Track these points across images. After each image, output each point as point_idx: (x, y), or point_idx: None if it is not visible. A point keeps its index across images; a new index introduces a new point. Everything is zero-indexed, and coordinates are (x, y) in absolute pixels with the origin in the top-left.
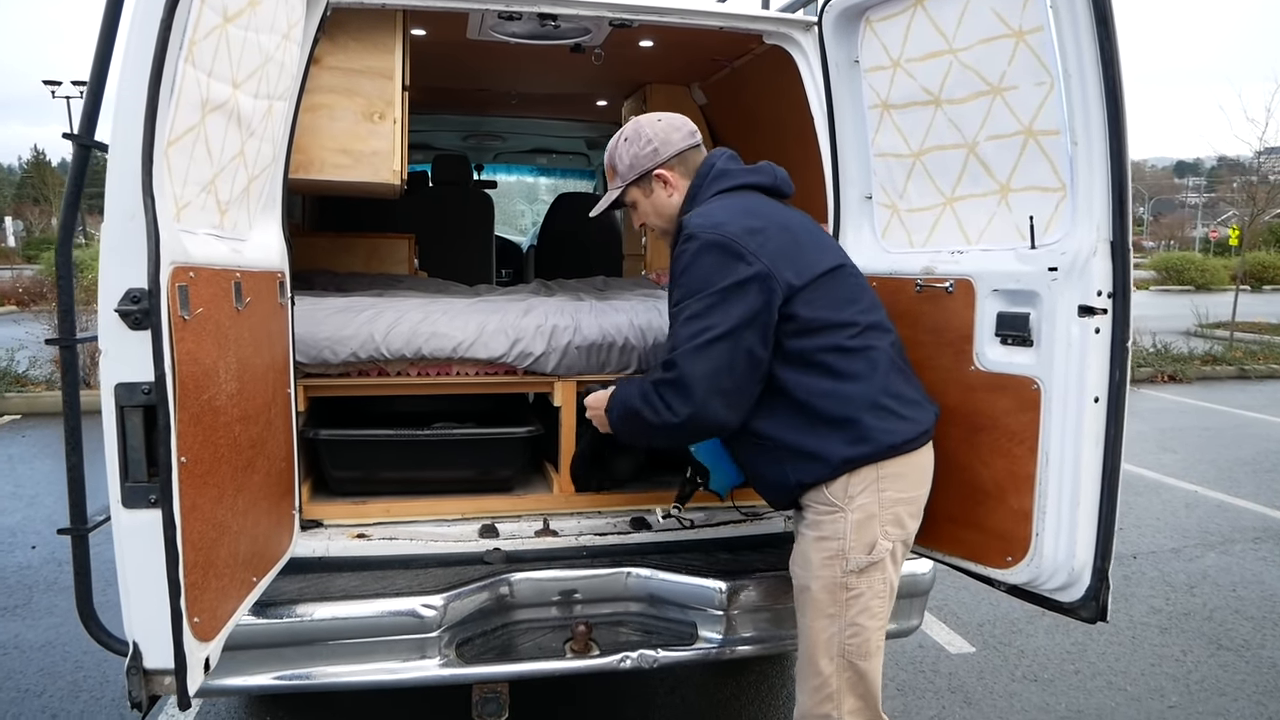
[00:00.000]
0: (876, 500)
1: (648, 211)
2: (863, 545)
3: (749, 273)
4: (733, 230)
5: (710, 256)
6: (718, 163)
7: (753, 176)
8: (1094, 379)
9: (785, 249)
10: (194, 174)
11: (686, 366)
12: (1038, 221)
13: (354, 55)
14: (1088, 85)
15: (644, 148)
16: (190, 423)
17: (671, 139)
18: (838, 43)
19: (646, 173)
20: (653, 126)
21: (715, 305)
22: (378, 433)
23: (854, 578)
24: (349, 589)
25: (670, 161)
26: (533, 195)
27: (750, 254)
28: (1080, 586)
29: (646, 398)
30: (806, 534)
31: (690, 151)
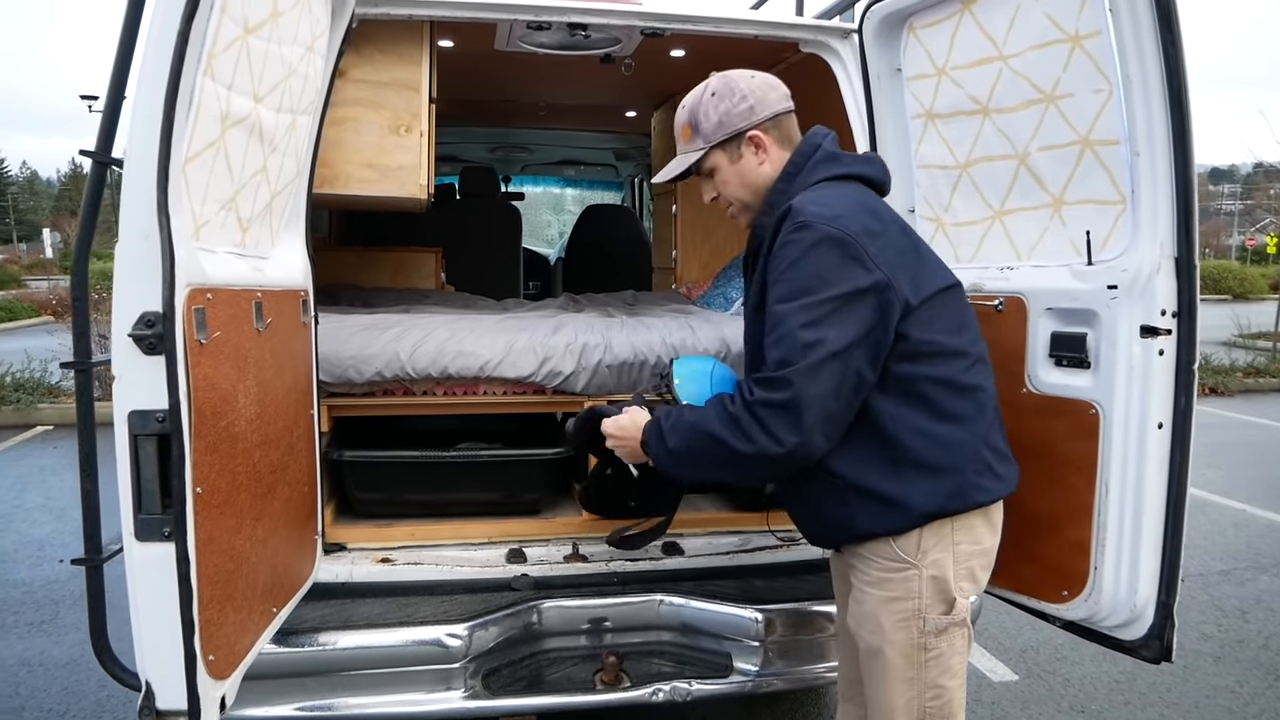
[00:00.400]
0: (951, 554)
1: (730, 181)
2: (940, 604)
3: (869, 281)
4: (854, 228)
5: (828, 253)
6: (824, 143)
7: (864, 167)
8: (1157, 404)
9: (905, 257)
10: (214, 191)
11: (803, 386)
12: (1095, 236)
13: (380, 67)
14: (1150, 92)
15: (737, 104)
16: (207, 451)
17: (769, 98)
18: (879, 50)
19: (738, 134)
20: (747, 82)
21: (831, 314)
22: (402, 454)
23: (933, 638)
24: (372, 617)
25: (766, 123)
26: (559, 206)
27: (870, 259)
28: (1143, 624)
29: (738, 423)
30: (871, 592)
31: (786, 117)
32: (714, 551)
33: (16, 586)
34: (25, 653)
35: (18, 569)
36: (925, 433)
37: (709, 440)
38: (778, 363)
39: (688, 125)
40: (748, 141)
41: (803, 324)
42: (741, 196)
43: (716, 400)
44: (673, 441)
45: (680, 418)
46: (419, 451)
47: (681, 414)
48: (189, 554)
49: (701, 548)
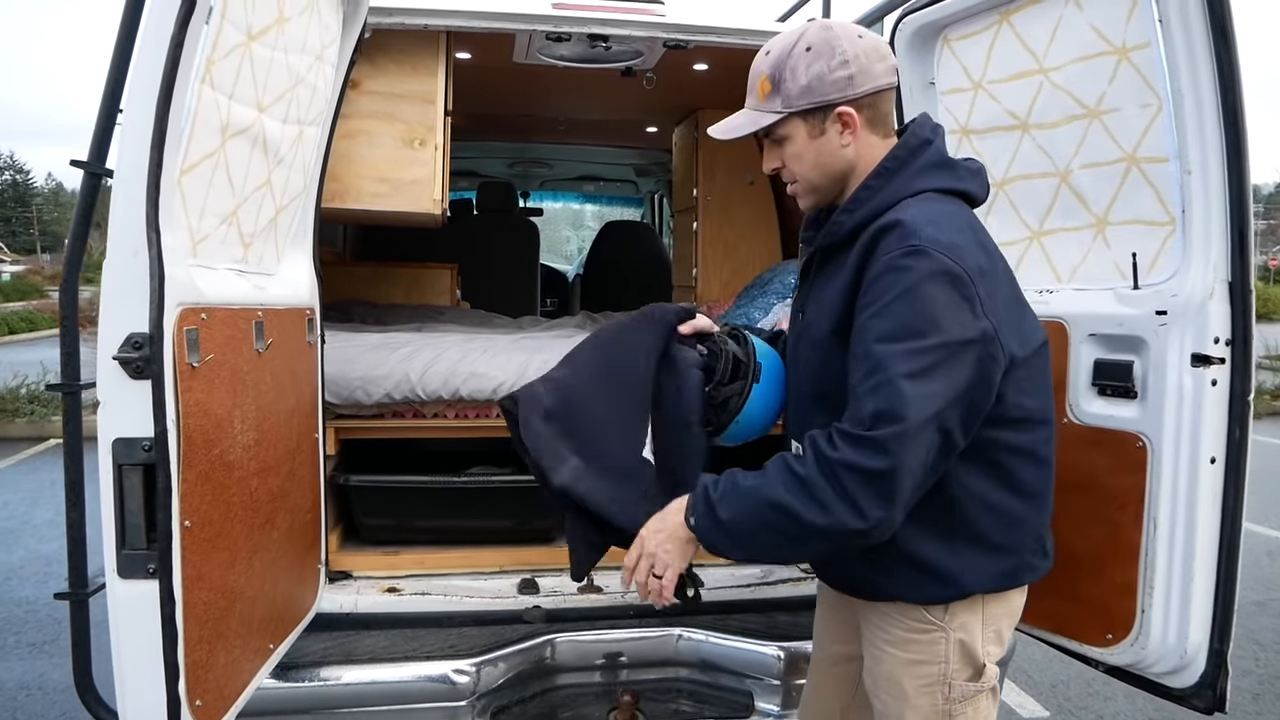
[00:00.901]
0: (980, 617)
1: (804, 156)
2: (968, 669)
3: (977, 330)
4: (970, 264)
5: (943, 290)
6: (936, 140)
7: (974, 182)
8: (1210, 437)
9: (1010, 304)
10: (213, 204)
11: (902, 453)
12: (1141, 259)
13: (394, 79)
14: (1204, 107)
15: (835, 69)
16: (197, 482)
17: (874, 69)
18: (911, 63)
19: (828, 105)
20: (852, 43)
21: (939, 365)
22: (411, 479)
23: (958, 705)
24: (376, 651)
25: (863, 99)
26: (579, 222)
27: (981, 303)
28: (1193, 671)
29: (810, 489)
30: (892, 653)
31: (887, 93)
32: (735, 584)
33: (20, 605)
34: (25, 675)
35: (23, 586)
36: (995, 508)
37: (773, 510)
38: (874, 417)
39: (768, 78)
40: (836, 117)
41: (909, 373)
42: (811, 178)
43: (780, 461)
44: (725, 513)
45: (734, 482)
46: (428, 476)
47: (735, 479)
48: (174, 593)
49: (722, 579)
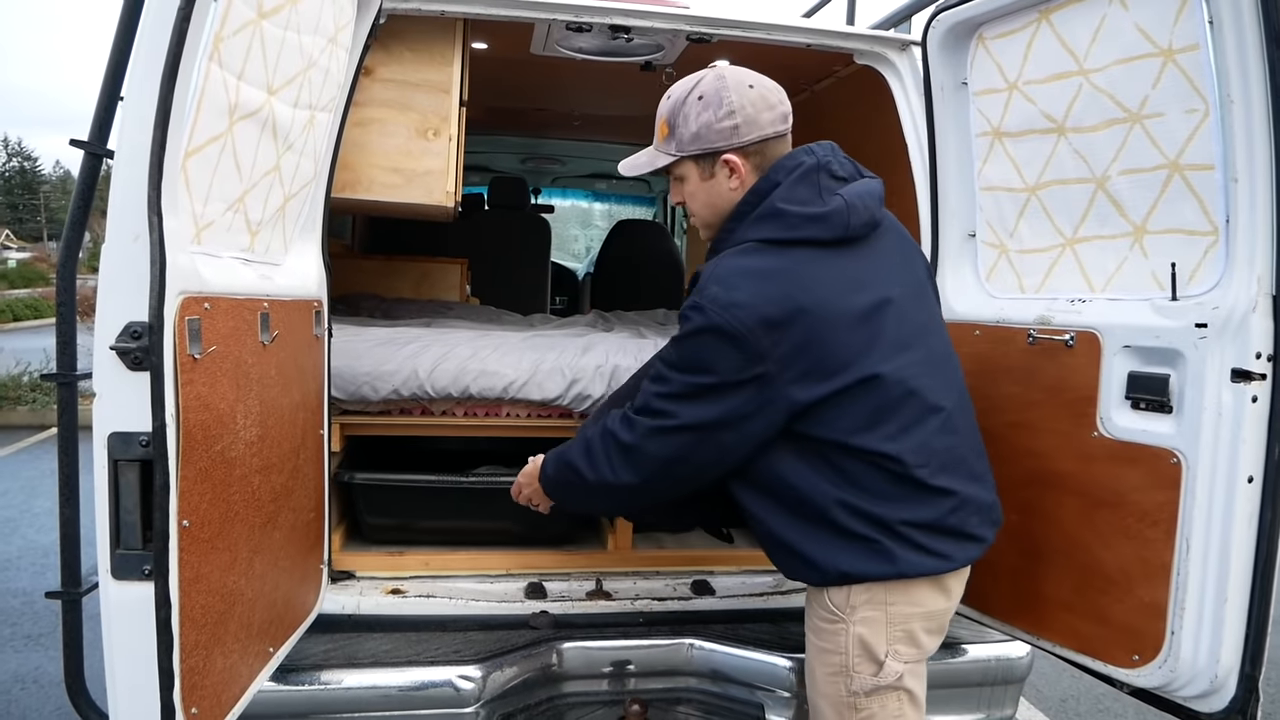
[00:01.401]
0: (884, 614)
1: (697, 195)
2: (869, 664)
3: (750, 374)
4: (749, 321)
5: (710, 341)
6: (782, 187)
7: (813, 229)
8: (1249, 455)
9: (808, 350)
10: (219, 189)
11: (645, 443)
12: (1181, 269)
13: (409, 67)
14: (1253, 114)
15: (722, 119)
16: (197, 479)
17: (760, 119)
18: (944, 62)
19: (716, 152)
20: (741, 94)
21: (694, 396)
22: (418, 478)
23: (862, 698)
24: (379, 654)
25: (749, 147)
26: (587, 220)
27: (758, 353)
28: (1224, 696)
29: (590, 452)
30: (811, 640)
31: (776, 141)
32: (747, 592)
33: (17, 596)
34: (20, 668)
35: (20, 577)
36: (845, 504)
37: (567, 468)
38: (638, 409)
39: (666, 122)
40: (723, 163)
41: (664, 394)
42: (704, 215)
43: (587, 429)
44: (550, 470)
45: (559, 449)
46: (436, 475)
47: (563, 445)
48: (170, 596)
49: (734, 587)
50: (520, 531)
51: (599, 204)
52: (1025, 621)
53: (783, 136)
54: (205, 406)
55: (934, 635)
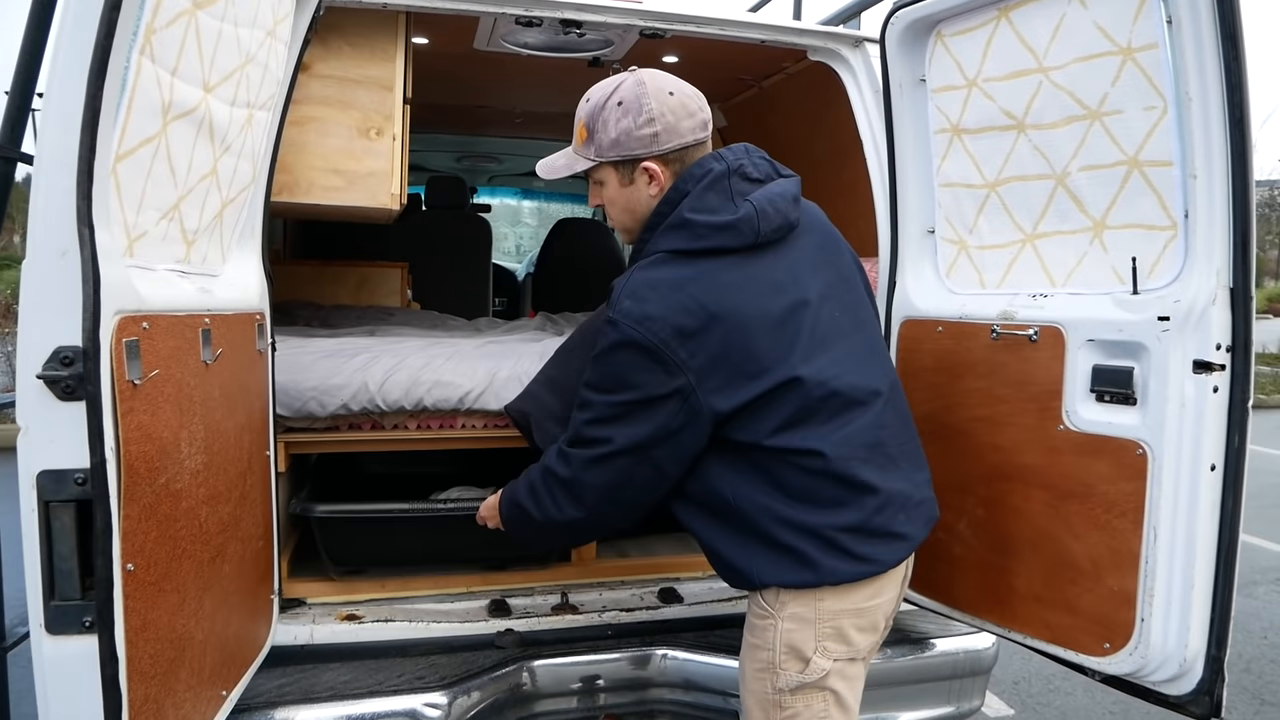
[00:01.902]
0: (814, 610)
1: (616, 201)
2: (795, 661)
3: (671, 387)
4: (663, 333)
5: (628, 356)
6: (691, 197)
7: (720, 238)
8: (1210, 444)
9: (727, 357)
10: (152, 197)
11: (582, 474)
12: (1140, 264)
13: (349, 63)
14: (1210, 111)
15: (641, 127)
16: (141, 518)
17: (680, 127)
18: (902, 59)
19: (634, 160)
20: (661, 101)
21: (622, 416)
22: (387, 508)
23: (787, 696)
24: (337, 686)
25: (669, 156)
26: (516, 218)
27: (676, 364)
28: (1192, 678)
29: (534, 491)
30: (745, 636)
31: (695, 148)
32: (715, 598)
33: None
34: None
35: None
36: (770, 512)
37: (515, 508)
38: (569, 441)
39: (585, 126)
40: (642, 170)
41: (590, 420)
42: (623, 220)
43: (529, 471)
44: (504, 510)
45: (509, 488)
46: (407, 504)
47: (513, 483)
48: (116, 650)
49: (701, 594)
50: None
51: (528, 201)
52: (995, 615)
53: (702, 144)
54: (147, 437)
55: (866, 633)
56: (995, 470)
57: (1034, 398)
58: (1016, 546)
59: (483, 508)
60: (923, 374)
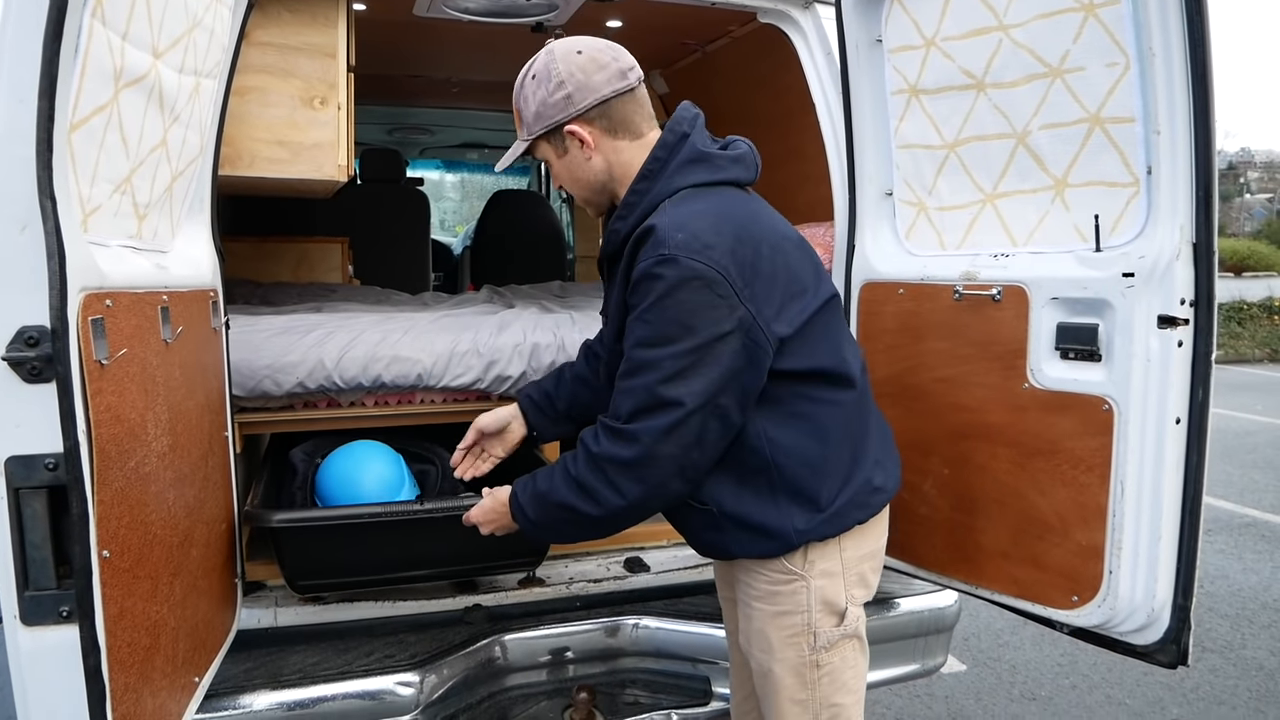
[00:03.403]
0: (840, 562)
1: (562, 175)
2: (831, 617)
3: (734, 322)
4: (723, 261)
5: (694, 294)
6: (693, 134)
7: (737, 170)
8: (1175, 398)
9: (776, 283)
10: (105, 169)
11: (655, 446)
12: (1103, 221)
13: (289, 29)
14: (1173, 66)
15: (554, 92)
16: (114, 502)
17: (592, 82)
18: (858, 19)
19: (556, 126)
20: (569, 61)
21: (694, 365)
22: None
23: (823, 654)
24: (306, 668)
25: (588, 113)
26: (438, 193)
27: (738, 295)
28: (1159, 628)
29: (583, 486)
30: (759, 607)
31: (619, 100)
32: (681, 565)
33: None
34: None
35: None
36: (804, 458)
37: (560, 509)
38: (630, 414)
39: (517, 110)
40: (569, 135)
41: (661, 379)
42: (577, 191)
43: (560, 463)
44: (533, 514)
45: (534, 488)
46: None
47: (534, 483)
48: (98, 639)
49: (667, 562)
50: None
51: (450, 174)
52: (962, 572)
53: (628, 92)
54: (117, 419)
55: (877, 573)
56: (961, 430)
57: (998, 357)
58: (983, 505)
59: (478, 514)
60: (884, 336)
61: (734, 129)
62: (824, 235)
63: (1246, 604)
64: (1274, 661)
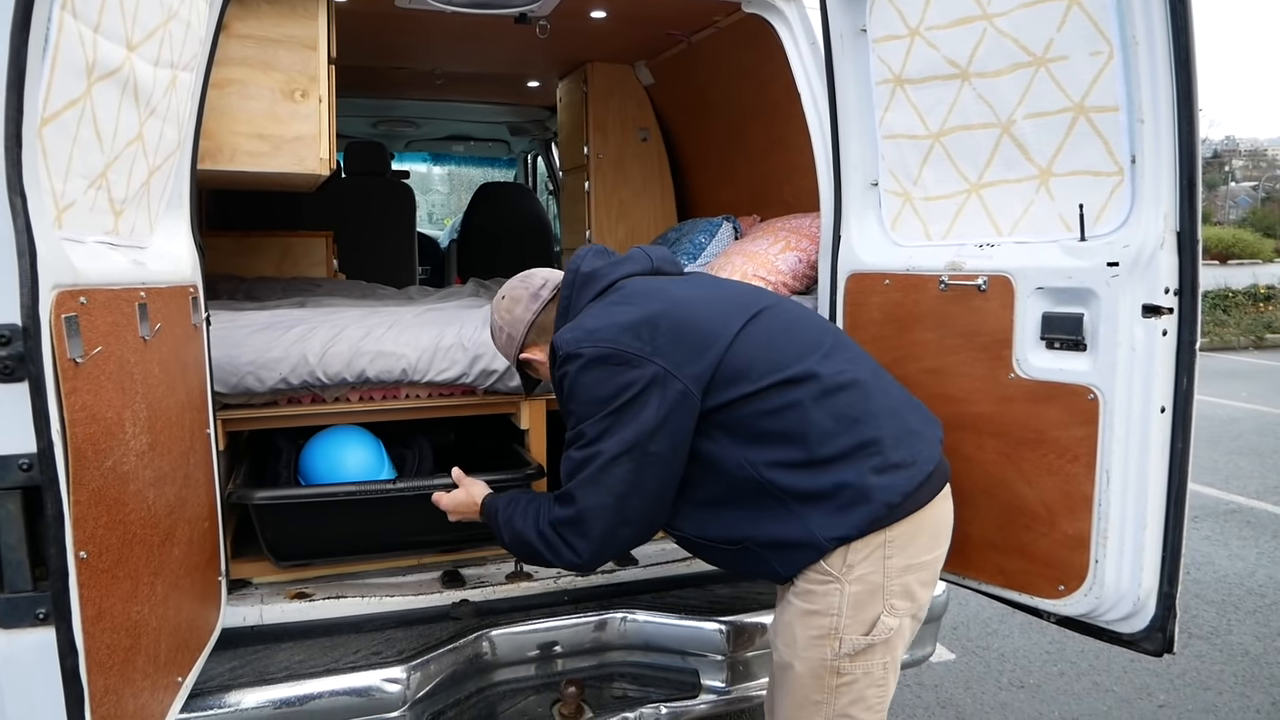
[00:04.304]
0: (882, 569)
1: None
2: (861, 623)
3: (645, 377)
4: (608, 335)
5: (592, 373)
6: (582, 266)
7: (624, 267)
8: (1160, 387)
9: (682, 328)
10: (79, 163)
11: (584, 499)
12: (1087, 210)
13: (269, 21)
14: (1156, 55)
15: (504, 342)
16: (90, 502)
17: (517, 316)
18: (842, 9)
19: (521, 363)
20: (500, 314)
21: (610, 427)
22: (332, 489)
23: (847, 661)
24: (292, 666)
25: (529, 340)
26: (426, 185)
27: (636, 355)
28: (1144, 616)
29: (545, 538)
30: (793, 602)
31: (544, 313)
32: (669, 558)
33: None
34: None
35: None
36: (789, 463)
37: (530, 549)
38: (565, 479)
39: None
40: (527, 363)
41: (583, 443)
42: None
43: (535, 505)
44: (506, 538)
45: (508, 518)
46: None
47: (510, 513)
48: (75, 641)
49: (655, 555)
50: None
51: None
52: (950, 563)
53: (546, 301)
54: (92, 418)
55: (927, 588)
56: (947, 421)
57: (984, 347)
58: (971, 495)
59: (449, 503)
60: (871, 327)
61: (719, 120)
62: (810, 226)
63: (1232, 590)
64: (1259, 647)
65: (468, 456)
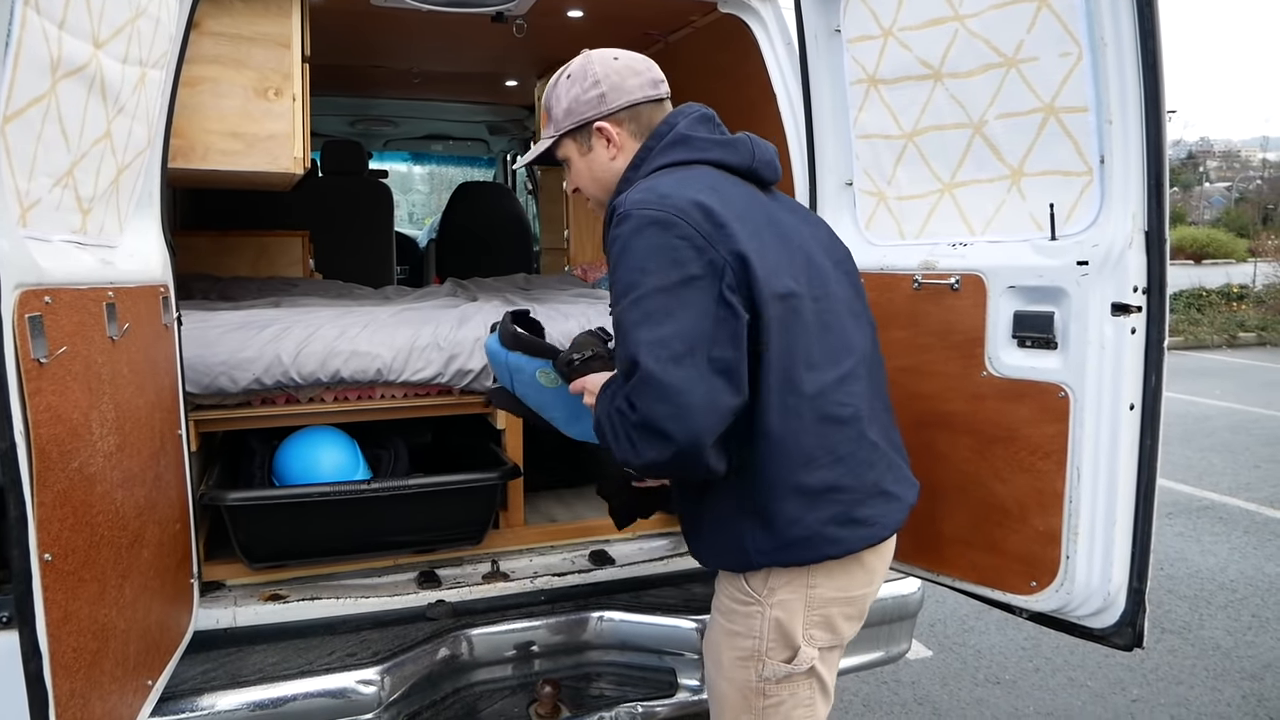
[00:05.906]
0: (803, 598)
1: (582, 174)
2: (783, 650)
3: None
4: (680, 204)
5: (650, 238)
6: (680, 124)
7: (720, 152)
8: (1129, 384)
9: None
10: (44, 162)
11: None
12: (1057, 210)
13: (241, 19)
14: (1124, 56)
15: (588, 90)
16: (55, 504)
17: (626, 84)
18: (817, 10)
19: (586, 123)
20: (605, 64)
21: (662, 309)
22: (306, 490)
23: (772, 685)
24: (265, 668)
25: (619, 114)
26: (407, 185)
27: (703, 239)
28: (1115, 611)
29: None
30: (719, 621)
31: (648, 106)
32: (646, 558)
33: None
34: None
35: None
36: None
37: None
38: (625, 374)
39: (545, 109)
40: (597, 133)
41: (635, 323)
42: (594, 192)
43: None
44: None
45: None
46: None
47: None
48: (39, 643)
49: (632, 554)
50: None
51: (419, 167)
52: (924, 560)
53: (658, 102)
54: (58, 418)
55: (853, 621)
56: (920, 418)
57: (957, 345)
58: (944, 492)
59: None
60: None
61: None
62: None
63: (1204, 585)
64: (1230, 641)
65: (443, 456)
